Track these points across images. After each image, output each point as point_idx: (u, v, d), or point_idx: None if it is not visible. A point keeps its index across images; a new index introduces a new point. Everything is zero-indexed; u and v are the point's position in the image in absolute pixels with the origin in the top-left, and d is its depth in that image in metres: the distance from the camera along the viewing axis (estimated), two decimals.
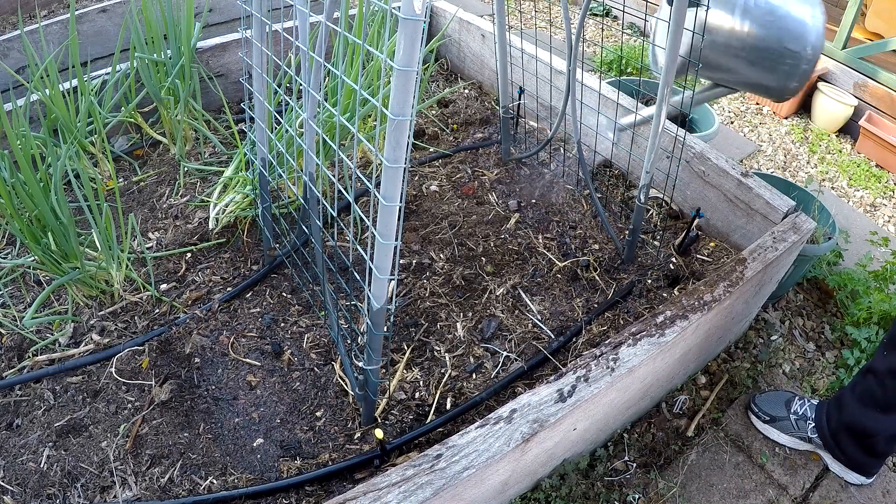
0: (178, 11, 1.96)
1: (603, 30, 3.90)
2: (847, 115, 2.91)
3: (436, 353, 1.47)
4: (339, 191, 1.70)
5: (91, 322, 1.50)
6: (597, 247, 1.77)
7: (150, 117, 2.11)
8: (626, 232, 1.74)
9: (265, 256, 1.66)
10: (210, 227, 1.71)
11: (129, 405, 1.32)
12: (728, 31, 1.09)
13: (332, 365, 1.43)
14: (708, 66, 1.19)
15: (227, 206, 1.71)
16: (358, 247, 1.07)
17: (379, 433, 1.13)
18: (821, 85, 2.95)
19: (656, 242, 1.79)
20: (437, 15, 2.70)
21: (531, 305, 1.59)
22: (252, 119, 1.43)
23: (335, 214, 1.12)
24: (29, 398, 1.34)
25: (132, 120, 2.04)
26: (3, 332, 1.48)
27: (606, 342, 1.23)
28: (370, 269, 0.98)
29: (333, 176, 1.67)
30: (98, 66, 2.27)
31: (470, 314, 1.56)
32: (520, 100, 2.01)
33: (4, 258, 1.64)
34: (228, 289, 1.60)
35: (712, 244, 1.79)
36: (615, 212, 1.90)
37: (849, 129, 2.98)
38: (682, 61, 1.17)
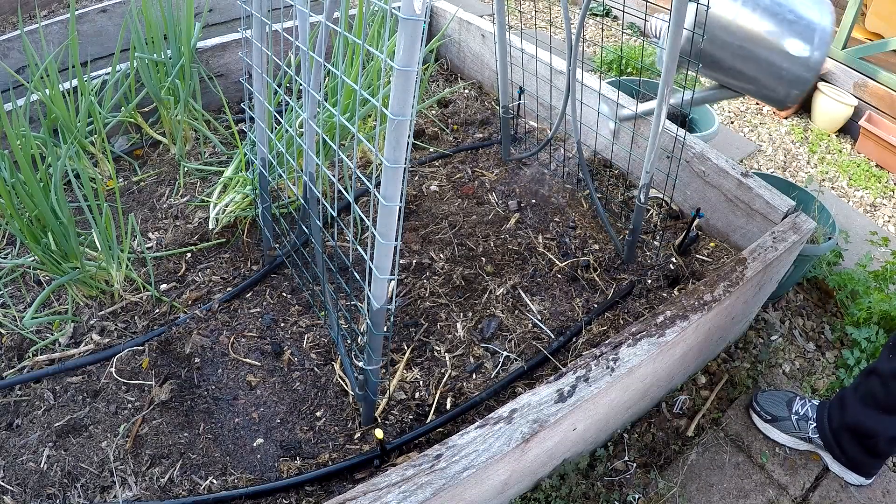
0: (178, 11, 1.96)
1: (603, 30, 3.90)
2: (847, 115, 2.91)
3: (436, 353, 1.47)
4: (339, 191, 1.70)
5: (91, 322, 1.50)
6: (597, 247, 1.77)
7: (150, 117, 2.11)
8: (626, 232, 1.74)
9: (265, 256, 1.66)
10: (210, 227, 1.71)
11: (129, 405, 1.32)
12: (730, 24, 1.06)
13: (332, 365, 1.43)
14: (707, 63, 1.16)
15: (227, 206, 1.71)
16: (358, 247, 1.07)
17: (379, 433, 1.13)
18: (821, 85, 2.95)
19: (656, 242, 1.79)
20: (437, 15, 2.70)
21: (531, 305, 1.59)
22: (252, 119, 1.43)
23: (335, 214, 1.12)
24: (29, 398, 1.34)
25: (132, 120, 2.04)
26: (3, 332, 1.48)
27: (606, 342, 1.23)
28: (370, 269, 0.98)
29: (333, 176, 1.67)
30: (98, 66, 2.27)
31: (470, 314, 1.56)
32: (520, 100, 2.01)
33: (4, 258, 1.64)
34: (228, 289, 1.60)
35: (712, 244, 1.79)
36: (615, 212, 1.90)
37: (849, 129, 2.98)
38: (680, 54, 1.14)
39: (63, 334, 1.46)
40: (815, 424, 1.46)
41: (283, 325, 1.53)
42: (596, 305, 1.60)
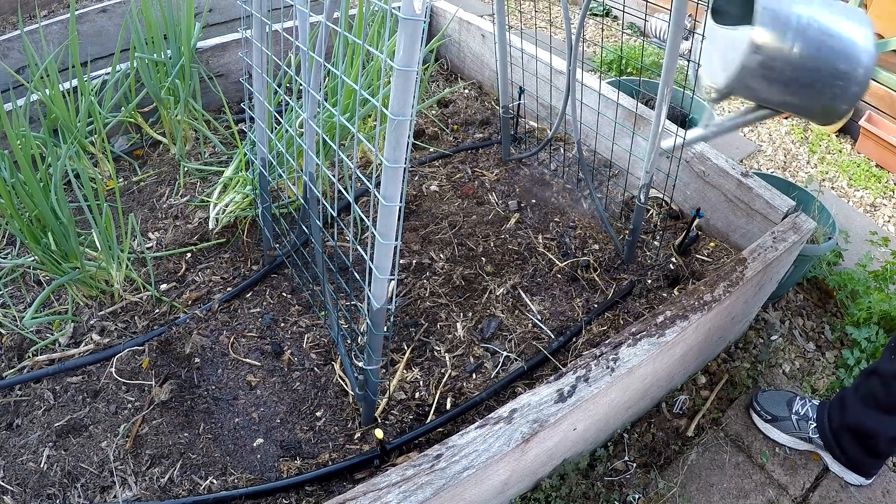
0: (178, 11, 1.96)
1: (603, 30, 3.90)
2: (847, 115, 2.90)
3: (436, 353, 1.47)
4: (339, 191, 1.70)
5: (91, 322, 1.50)
6: (597, 247, 1.77)
7: (150, 117, 2.11)
8: (626, 232, 1.74)
9: (265, 256, 1.66)
10: (210, 227, 1.71)
11: (129, 405, 1.32)
12: (776, 51, 1.03)
13: (332, 365, 1.43)
14: (751, 88, 1.13)
15: (227, 206, 1.71)
16: (358, 247, 1.07)
17: (379, 433, 1.13)
18: None
19: (656, 242, 1.79)
20: (437, 15, 2.70)
21: (531, 305, 1.59)
22: (252, 119, 1.43)
23: (335, 214, 1.12)
24: (29, 398, 1.34)
25: (132, 120, 2.04)
26: (3, 332, 1.48)
27: (606, 342, 1.23)
28: (370, 269, 0.98)
29: (333, 176, 1.67)
30: (98, 66, 2.27)
31: (470, 314, 1.56)
32: (520, 100, 2.01)
33: (4, 258, 1.64)
34: (228, 289, 1.60)
35: (712, 244, 1.79)
36: (615, 212, 1.90)
37: (849, 129, 2.98)
38: (728, 87, 1.11)
39: (63, 334, 1.46)
40: (815, 424, 1.46)
41: (283, 325, 1.53)
42: (596, 305, 1.60)
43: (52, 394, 1.35)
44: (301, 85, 1.17)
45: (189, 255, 1.69)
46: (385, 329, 1.10)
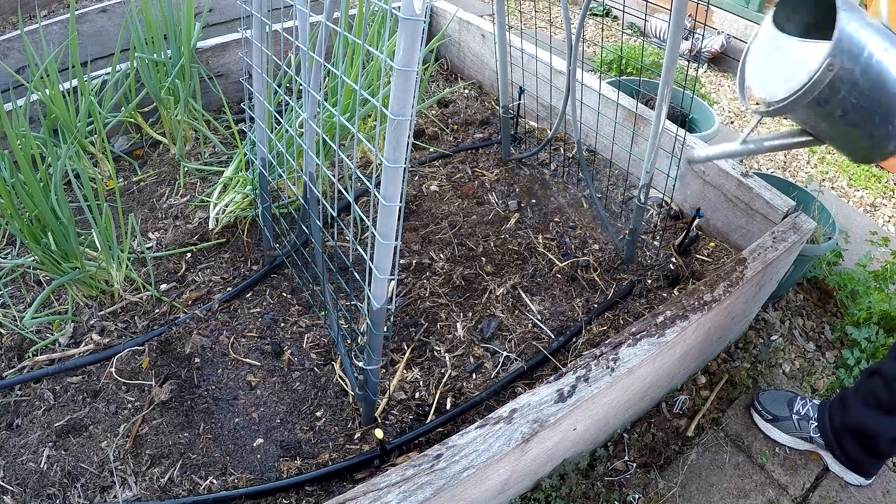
0: (178, 11, 1.96)
1: (603, 30, 3.90)
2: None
3: (436, 353, 1.47)
4: (339, 191, 1.70)
5: (91, 322, 1.50)
6: (597, 247, 1.77)
7: (150, 117, 2.11)
8: (626, 232, 1.74)
9: (265, 256, 1.66)
10: (210, 227, 1.71)
11: (129, 405, 1.32)
12: (847, 74, 0.99)
13: (332, 365, 1.43)
14: (807, 108, 1.08)
15: (227, 206, 1.71)
16: (358, 247, 1.07)
17: (379, 433, 1.13)
18: None
19: (656, 242, 1.79)
20: (437, 15, 2.71)
21: (531, 305, 1.59)
22: (252, 119, 1.43)
23: (335, 214, 1.12)
24: (29, 398, 1.34)
25: (132, 120, 2.04)
26: (3, 332, 1.48)
27: (606, 342, 1.23)
28: (370, 269, 0.98)
29: (333, 176, 1.67)
30: (98, 66, 2.27)
31: (470, 314, 1.56)
32: (520, 100, 2.01)
33: (4, 258, 1.64)
34: (228, 289, 1.60)
35: (712, 244, 1.79)
36: (615, 212, 1.90)
37: None
38: (787, 102, 1.07)
39: (63, 334, 1.46)
40: (816, 424, 1.46)
41: (283, 325, 1.53)
42: (596, 305, 1.60)
43: (52, 394, 1.35)
44: (301, 85, 1.17)
45: (189, 255, 1.69)
46: (385, 329, 1.10)
